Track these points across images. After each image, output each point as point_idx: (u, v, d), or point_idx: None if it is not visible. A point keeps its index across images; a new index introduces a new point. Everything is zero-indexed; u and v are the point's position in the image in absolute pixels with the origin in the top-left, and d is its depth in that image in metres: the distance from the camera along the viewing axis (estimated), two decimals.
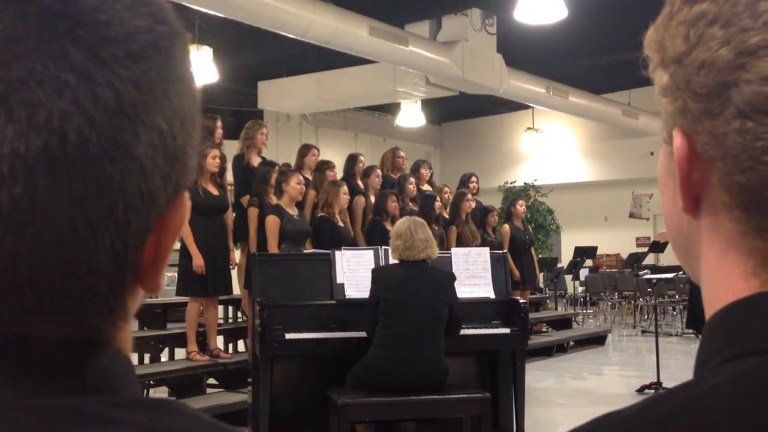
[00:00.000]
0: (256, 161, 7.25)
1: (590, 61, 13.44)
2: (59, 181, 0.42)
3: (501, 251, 5.98)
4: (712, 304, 0.51)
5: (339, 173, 8.01)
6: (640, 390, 7.28)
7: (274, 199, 6.65)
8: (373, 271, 4.61)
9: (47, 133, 0.42)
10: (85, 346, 0.46)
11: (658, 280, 9.50)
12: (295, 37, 9.29)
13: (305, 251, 6.26)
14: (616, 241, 17.79)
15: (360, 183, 8.06)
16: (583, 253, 14.44)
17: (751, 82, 0.46)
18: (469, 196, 8.65)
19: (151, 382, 6.68)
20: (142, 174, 0.45)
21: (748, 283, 0.49)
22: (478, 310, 5.21)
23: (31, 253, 0.43)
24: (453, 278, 4.65)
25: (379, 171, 8.22)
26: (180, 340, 6.68)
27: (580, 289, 15.52)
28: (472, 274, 5.34)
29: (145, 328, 7.30)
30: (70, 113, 0.42)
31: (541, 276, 11.34)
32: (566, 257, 15.79)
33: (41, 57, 0.42)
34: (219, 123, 7.02)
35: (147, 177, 0.45)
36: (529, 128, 17.45)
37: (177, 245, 6.37)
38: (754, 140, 0.47)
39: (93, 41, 0.43)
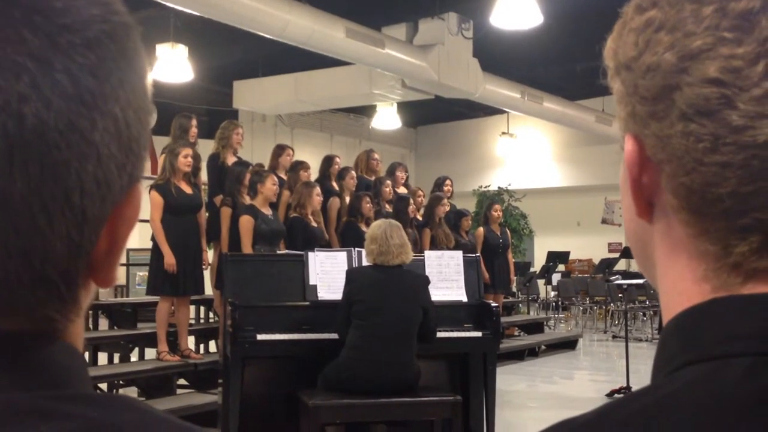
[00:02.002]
0: (231, 161, 7.22)
1: (565, 67, 13.53)
2: (17, 165, 0.42)
3: (474, 254, 5.99)
4: (668, 309, 0.52)
5: (314, 174, 8.00)
6: (610, 394, 7.33)
7: (247, 199, 6.62)
8: (348, 272, 4.60)
9: (5, 116, 0.42)
10: (37, 339, 0.45)
11: (629, 285, 9.58)
12: (271, 37, 9.26)
13: (278, 252, 6.24)
14: (588, 247, 17.92)
15: (335, 184, 8.06)
16: (556, 257, 14.53)
17: (692, 84, 0.47)
18: (445, 200, 8.68)
19: (121, 382, 6.62)
20: (98, 161, 0.45)
21: (700, 287, 0.50)
22: (450, 313, 5.21)
23: None
24: (427, 281, 4.66)
25: (353, 173, 8.22)
26: (150, 340, 6.63)
27: (552, 293, 15.62)
28: (445, 277, 5.35)
29: (116, 327, 7.24)
30: (28, 97, 0.42)
31: (515, 280, 11.39)
32: (539, 262, 15.88)
33: None
34: (194, 122, 7.00)
35: (102, 164, 0.45)
36: (503, 133, 17.53)
37: (149, 244, 6.35)
38: (697, 142, 0.47)
39: (49, 28, 0.43)
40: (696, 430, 0.42)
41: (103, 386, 6.25)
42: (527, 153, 18.06)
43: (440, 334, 5.03)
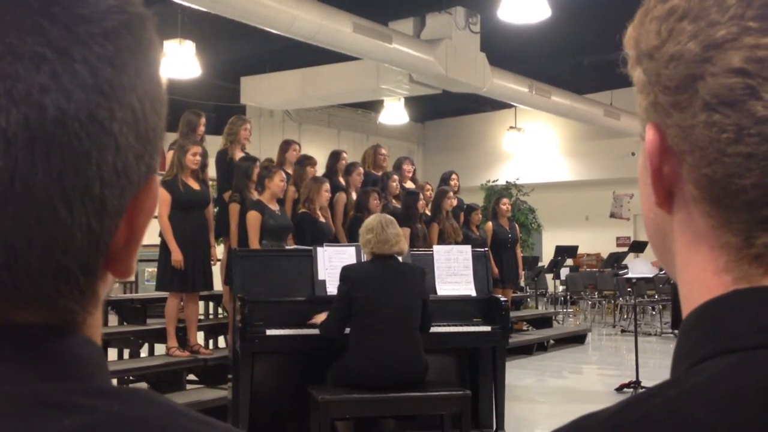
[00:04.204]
0: (239, 157, 7.23)
1: (573, 61, 13.49)
2: (38, 155, 0.42)
3: (483, 249, 5.99)
4: (688, 300, 0.51)
5: (321, 170, 8.00)
6: (619, 389, 7.32)
7: (255, 195, 6.63)
8: (343, 269, 4.54)
9: (26, 107, 0.42)
10: (57, 331, 0.45)
11: (638, 279, 9.54)
12: (278, 32, 9.26)
13: (287, 247, 6.25)
14: (596, 241, 17.88)
15: (342, 180, 8.06)
16: (564, 252, 14.50)
17: (716, 74, 0.47)
18: (451, 193, 8.68)
19: (131, 377, 6.64)
20: (117, 151, 0.45)
21: (721, 279, 0.49)
22: (459, 307, 5.22)
23: (10, 230, 0.42)
24: (424, 273, 4.65)
25: (360, 169, 8.22)
26: (160, 336, 6.65)
27: (561, 288, 15.59)
28: (454, 271, 5.35)
29: (125, 323, 7.26)
30: (49, 87, 0.42)
31: (522, 275, 11.38)
32: (547, 256, 15.85)
33: (18, 32, 0.42)
34: (203, 120, 7.03)
35: (121, 154, 0.45)
36: (511, 127, 17.50)
37: (157, 240, 6.37)
38: (720, 132, 0.47)
39: (68, 18, 0.43)
40: (721, 423, 0.42)
41: (113, 382, 6.26)
42: (535, 147, 18.01)
43: (449, 329, 5.03)
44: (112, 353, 6.93)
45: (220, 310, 8.12)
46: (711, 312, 0.48)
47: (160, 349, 6.79)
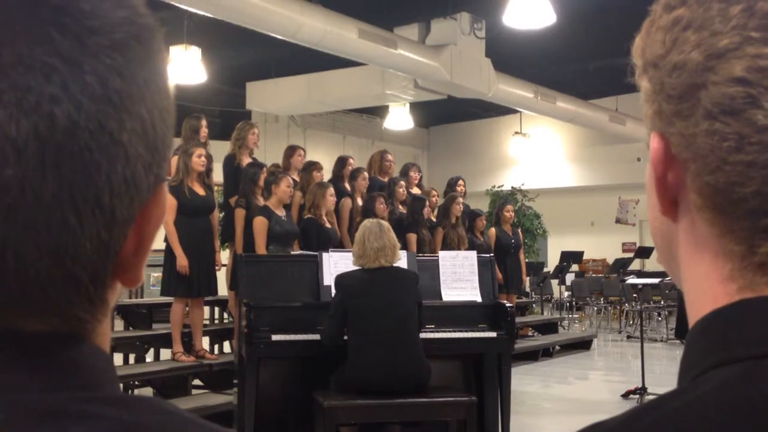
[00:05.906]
0: (246, 162, 7.25)
1: (578, 66, 13.48)
2: (48, 165, 0.43)
3: (488, 255, 5.99)
4: (693, 309, 0.52)
5: (326, 175, 8.01)
6: (626, 395, 7.30)
7: (261, 200, 6.65)
8: (337, 278, 4.52)
9: (37, 117, 0.42)
10: (66, 340, 0.46)
11: (644, 285, 9.53)
12: (284, 38, 9.28)
13: (293, 252, 6.25)
14: (602, 246, 17.84)
15: (348, 185, 8.07)
16: (570, 257, 14.47)
17: (718, 83, 0.47)
18: (460, 199, 8.68)
19: (136, 382, 6.65)
20: (127, 161, 0.45)
21: (726, 287, 0.49)
22: (464, 313, 5.21)
23: (20, 239, 0.43)
24: (417, 278, 4.64)
25: (365, 174, 8.22)
26: (165, 341, 6.65)
27: (566, 293, 15.56)
28: (459, 277, 5.34)
29: (131, 328, 7.27)
30: (59, 98, 0.43)
31: (527, 280, 11.35)
32: (553, 262, 15.82)
33: (28, 43, 0.43)
34: (204, 122, 7.02)
35: (131, 164, 0.46)
36: (516, 132, 17.48)
37: (162, 245, 6.38)
38: (721, 141, 0.47)
39: (78, 29, 0.44)
40: None
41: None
42: (540, 153, 18.00)
43: (455, 335, 5.03)
44: (118, 358, 6.94)
45: (225, 315, 8.13)
46: (717, 322, 0.48)
47: (165, 354, 6.80)
